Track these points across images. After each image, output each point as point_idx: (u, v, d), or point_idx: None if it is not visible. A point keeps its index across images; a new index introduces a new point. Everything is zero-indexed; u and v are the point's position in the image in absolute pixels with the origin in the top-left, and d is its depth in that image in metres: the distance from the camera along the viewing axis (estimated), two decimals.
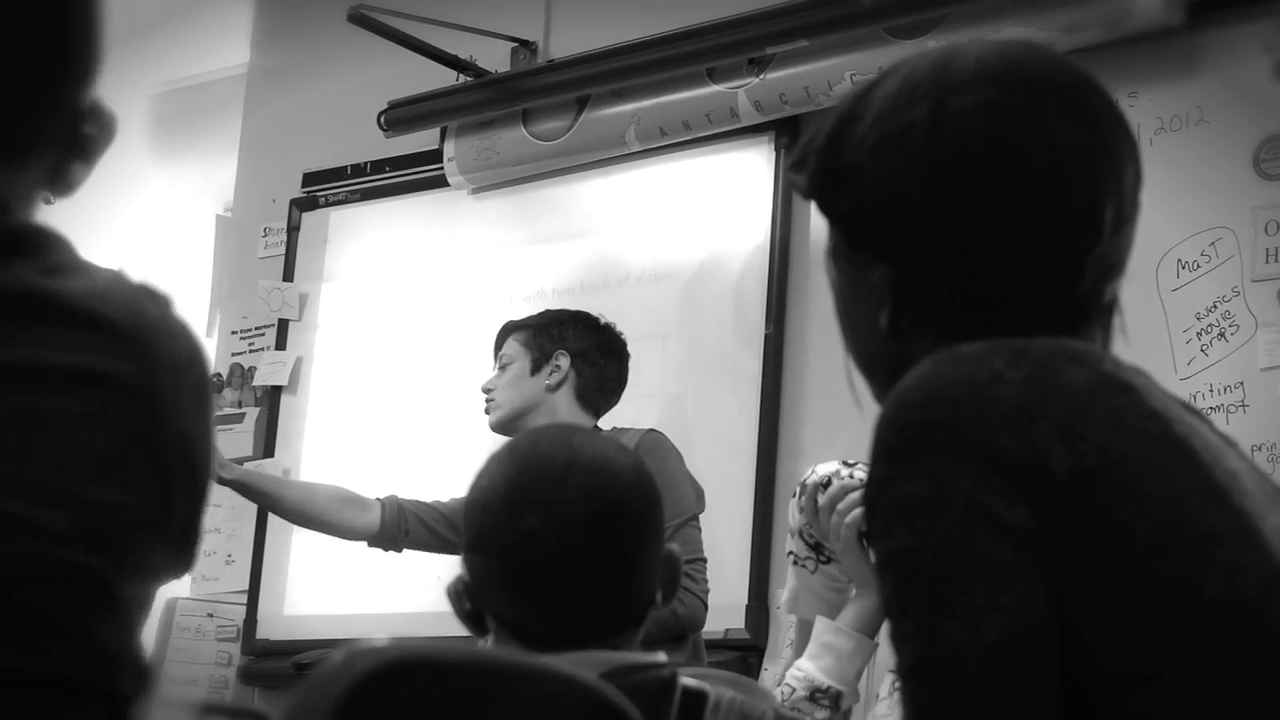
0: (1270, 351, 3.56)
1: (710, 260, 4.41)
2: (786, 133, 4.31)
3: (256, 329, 5.23)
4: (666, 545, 1.68)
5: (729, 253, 4.38)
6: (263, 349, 5.19)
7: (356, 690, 1.11)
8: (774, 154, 4.35)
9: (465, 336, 4.76)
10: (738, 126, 4.34)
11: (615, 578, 1.62)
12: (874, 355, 1.31)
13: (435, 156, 4.91)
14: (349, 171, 5.17)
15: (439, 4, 4.75)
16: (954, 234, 1.24)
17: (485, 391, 3.52)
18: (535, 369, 3.45)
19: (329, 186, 5.21)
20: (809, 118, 4.19)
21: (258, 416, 5.13)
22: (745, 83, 4.27)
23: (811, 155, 1.32)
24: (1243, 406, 3.56)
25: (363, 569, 3.69)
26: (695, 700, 1.56)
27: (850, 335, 1.34)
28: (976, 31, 3.75)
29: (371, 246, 5.10)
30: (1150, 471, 1.13)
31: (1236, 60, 3.68)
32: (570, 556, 1.60)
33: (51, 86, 1.15)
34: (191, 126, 5.71)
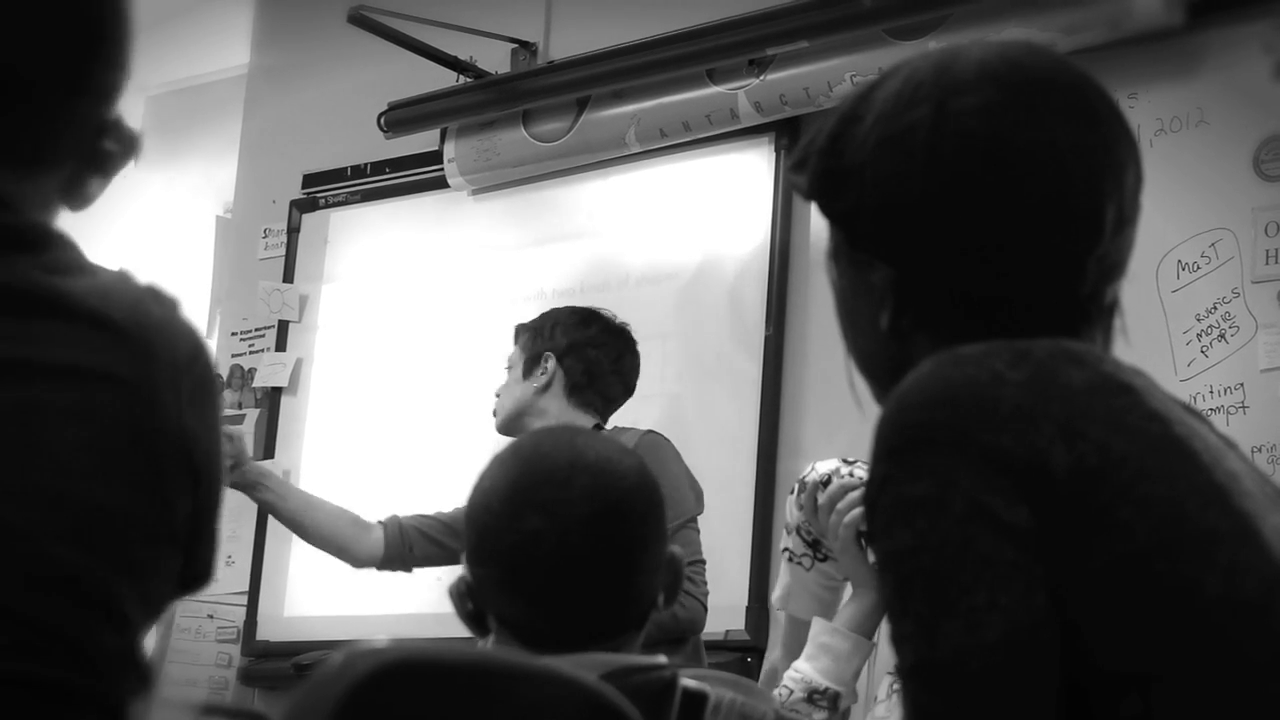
0: (1270, 353, 3.56)
1: (710, 261, 4.41)
2: (787, 134, 4.31)
3: (256, 330, 5.23)
4: (669, 547, 1.68)
5: (729, 254, 4.38)
6: (263, 350, 5.19)
7: (356, 691, 1.11)
8: (774, 155, 4.35)
9: (465, 338, 4.77)
10: (738, 128, 4.34)
11: (617, 579, 1.62)
12: (875, 356, 1.31)
13: (435, 158, 4.91)
14: (349, 173, 5.17)
15: (439, 5, 4.75)
16: (955, 235, 1.24)
17: (496, 396, 3.52)
18: (527, 372, 3.44)
19: (329, 188, 5.21)
20: (809, 119, 4.19)
21: (258, 418, 5.13)
22: (745, 84, 4.27)
23: (812, 156, 1.32)
24: (1243, 408, 3.56)
25: (362, 570, 3.68)
26: (696, 701, 1.56)
27: (851, 336, 1.34)
28: (977, 32, 3.75)
29: (372, 248, 5.10)
30: (1151, 472, 1.13)
31: (1237, 61, 3.68)
32: (573, 558, 1.59)
33: (74, 99, 1.15)
34: (191, 127, 5.71)
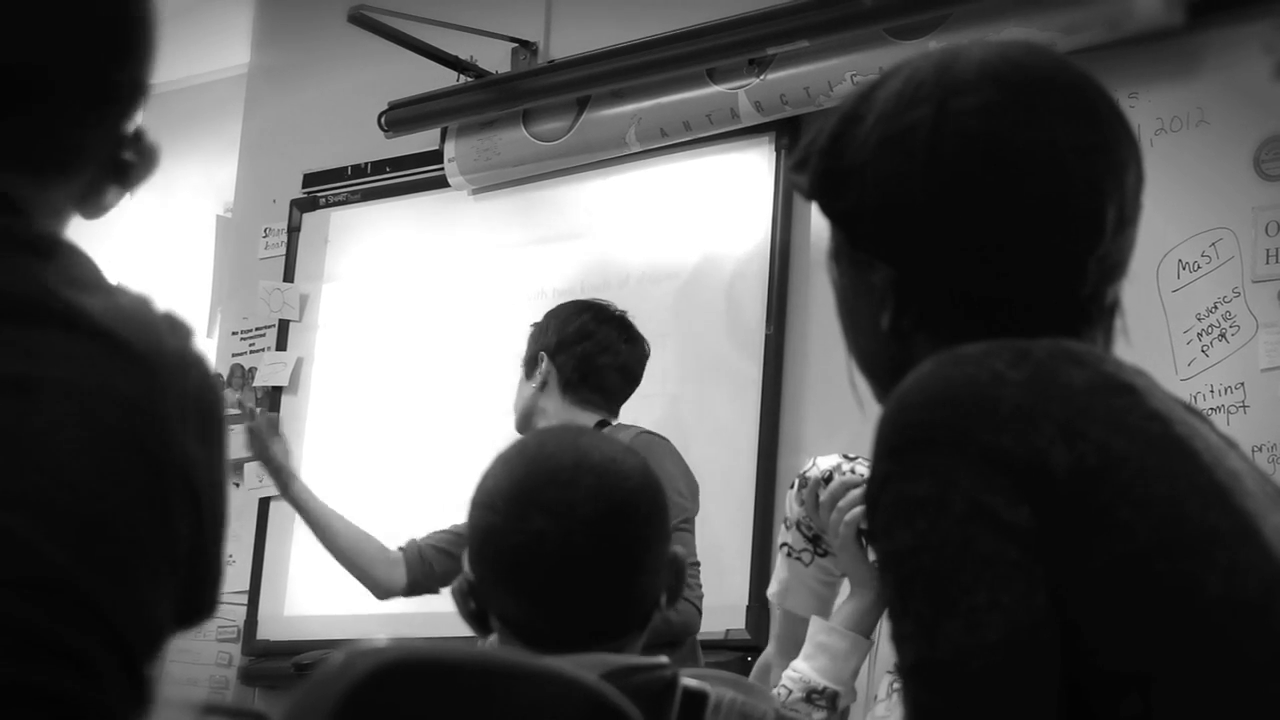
0: (1271, 352, 3.56)
1: (710, 261, 4.40)
2: (787, 133, 4.31)
3: (257, 330, 5.23)
4: (671, 547, 1.68)
5: (729, 253, 4.38)
6: (263, 350, 5.19)
7: (357, 691, 1.11)
8: (774, 154, 4.34)
9: (466, 337, 4.76)
10: (738, 127, 4.34)
11: (621, 579, 1.62)
12: (876, 356, 1.31)
13: (436, 157, 4.91)
14: (349, 172, 5.17)
15: (439, 4, 4.75)
16: (956, 235, 1.24)
17: None
18: (528, 372, 3.44)
19: (329, 187, 5.21)
20: (810, 118, 4.19)
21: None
22: (746, 83, 4.27)
23: (813, 156, 1.32)
24: (1243, 407, 3.56)
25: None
26: (696, 701, 1.56)
27: (852, 336, 1.34)
28: (977, 32, 3.75)
29: (372, 247, 5.10)
30: (1151, 472, 1.13)
31: (1237, 61, 3.68)
32: (577, 558, 1.59)
33: (98, 105, 1.15)
34: (191, 126, 5.70)
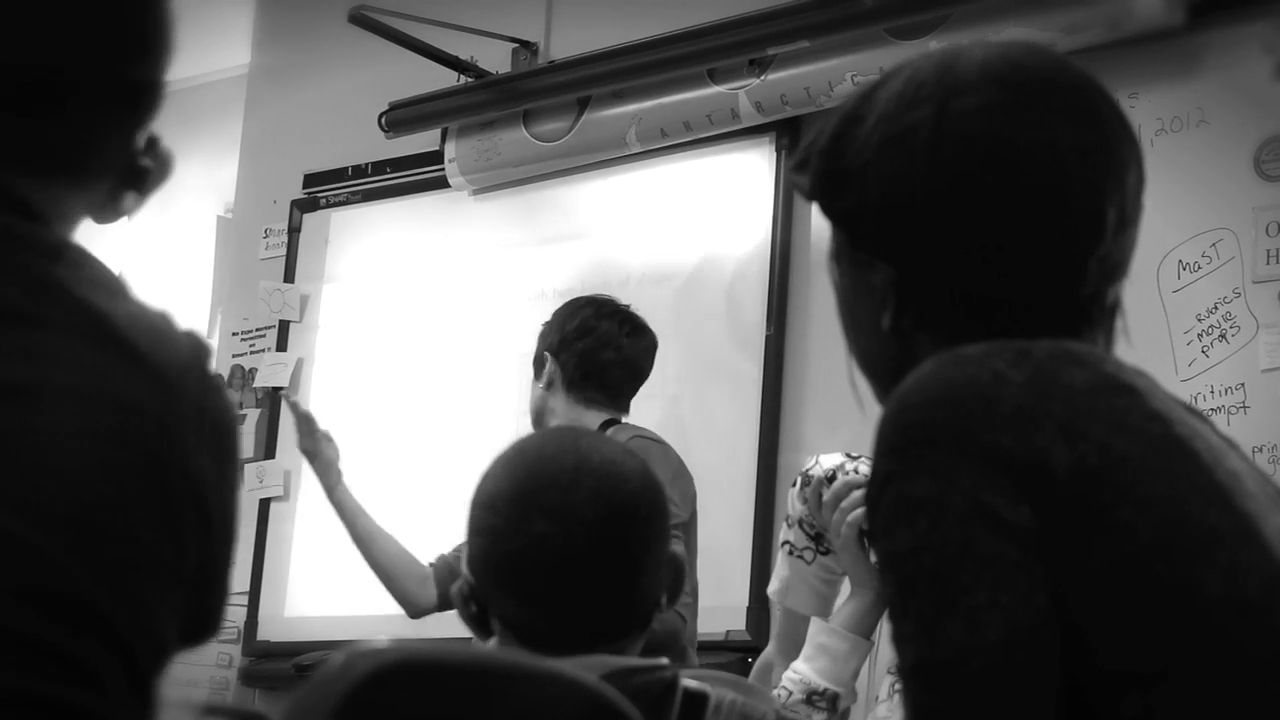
0: (1271, 353, 3.56)
1: (710, 261, 4.41)
2: (788, 134, 4.31)
3: (257, 330, 5.23)
4: (670, 547, 1.67)
5: (729, 254, 4.38)
6: (263, 350, 5.20)
7: (357, 691, 1.11)
8: (775, 155, 4.35)
9: (466, 337, 4.77)
10: (739, 127, 4.34)
11: (622, 581, 1.62)
12: (876, 356, 1.31)
13: (436, 157, 4.91)
14: (350, 172, 5.17)
15: (440, 4, 4.75)
16: (956, 235, 1.24)
17: None
18: (536, 373, 3.44)
19: (330, 187, 5.21)
20: (810, 119, 4.19)
21: (258, 418, 5.13)
22: (746, 84, 4.27)
23: (814, 156, 1.32)
24: (1243, 408, 3.56)
25: (363, 571, 3.68)
26: (696, 702, 1.56)
27: (853, 336, 1.34)
28: (977, 32, 3.75)
29: (372, 248, 5.10)
30: (1152, 472, 1.13)
31: (1237, 61, 3.68)
32: (578, 561, 1.59)
33: (117, 112, 1.15)
34: (192, 127, 5.70)
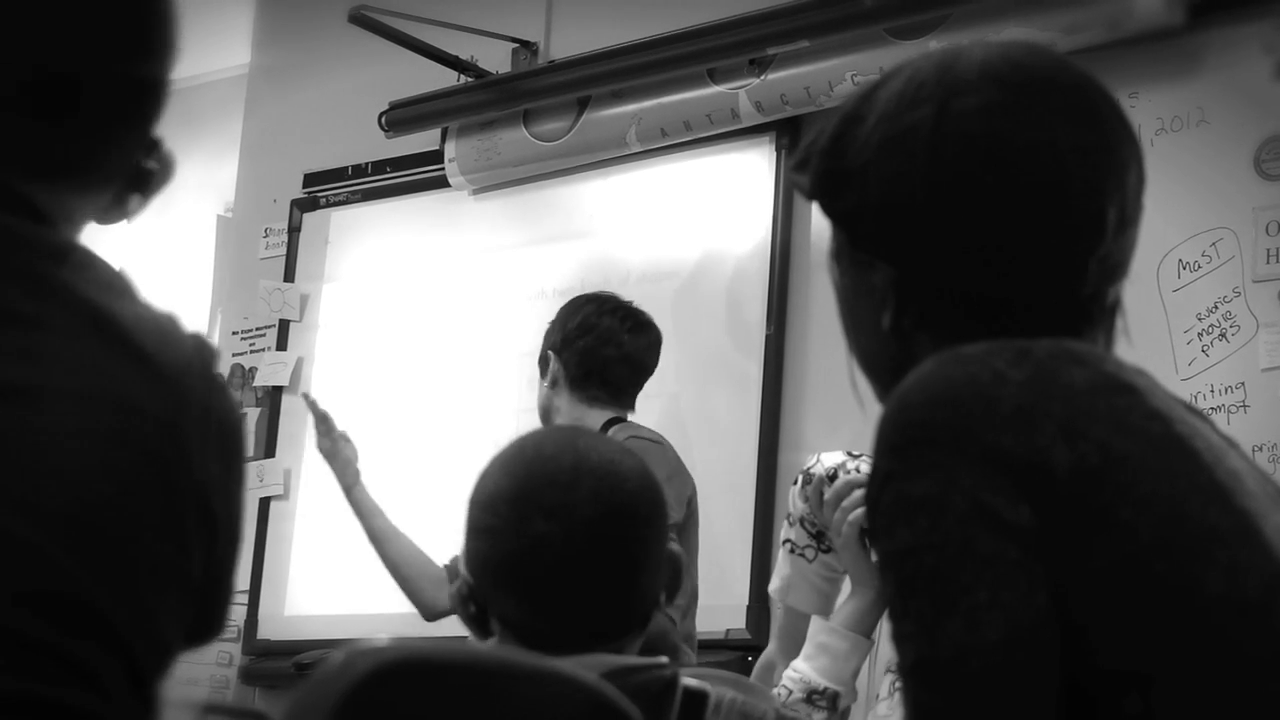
0: (1271, 352, 3.56)
1: (711, 261, 4.40)
2: (788, 133, 4.31)
3: (257, 329, 5.23)
4: (668, 545, 1.68)
5: (729, 253, 4.38)
6: (263, 350, 5.19)
7: (357, 690, 1.11)
8: (775, 154, 4.34)
9: (466, 337, 4.76)
10: (739, 127, 4.34)
11: (622, 581, 1.62)
12: (877, 355, 1.31)
13: (436, 157, 4.91)
14: (350, 172, 5.17)
15: (440, 4, 4.75)
16: (957, 235, 1.24)
17: None
18: (541, 373, 3.44)
19: (330, 187, 5.21)
20: (810, 118, 4.19)
21: (258, 417, 5.13)
22: (746, 83, 4.27)
23: (814, 156, 1.32)
24: (1243, 407, 3.56)
25: (363, 569, 3.68)
26: (696, 700, 1.56)
27: (853, 335, 1.34)
28: (978, 32, 3.75)
29: (372, 247, 5.10)
30: (1152, 471, 1.13)
31: (1237, 61, 3.68)
32: (577, 560, 1.59)
33: (124, 114, 1.15)
34: (192, 126, 5.70)
